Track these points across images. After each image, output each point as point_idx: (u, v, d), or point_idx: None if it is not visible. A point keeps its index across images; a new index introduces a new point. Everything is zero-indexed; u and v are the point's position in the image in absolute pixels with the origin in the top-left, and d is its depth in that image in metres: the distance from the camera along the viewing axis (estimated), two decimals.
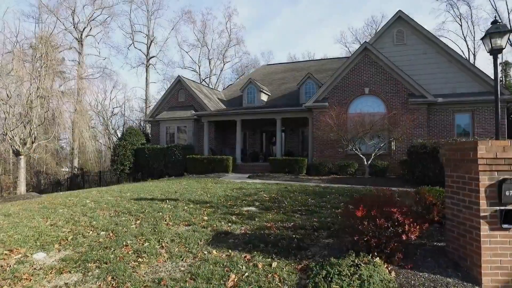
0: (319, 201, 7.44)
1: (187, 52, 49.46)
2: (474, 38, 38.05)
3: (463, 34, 36.19)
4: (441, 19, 72.15)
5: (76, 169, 30.49)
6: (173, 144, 19.12)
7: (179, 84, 21.05)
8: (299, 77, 23.09)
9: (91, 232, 5.29)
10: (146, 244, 4.59)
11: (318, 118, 15.26)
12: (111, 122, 43.20)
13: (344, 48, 45.70)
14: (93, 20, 30.67)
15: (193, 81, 24.65)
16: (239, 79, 32.69)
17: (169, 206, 7.10)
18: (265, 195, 8.22)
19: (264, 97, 21.40)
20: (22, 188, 11.07)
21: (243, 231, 5.19)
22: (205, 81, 42.83)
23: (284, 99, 21.31)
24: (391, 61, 14.23)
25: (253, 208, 6.83)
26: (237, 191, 9.09)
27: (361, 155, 12.96)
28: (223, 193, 8.76)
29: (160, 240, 4.72)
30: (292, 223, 5.61)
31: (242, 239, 4.75)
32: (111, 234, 5.09)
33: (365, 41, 14.63)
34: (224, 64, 46.55)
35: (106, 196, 9.09)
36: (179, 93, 21.07)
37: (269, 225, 5.50)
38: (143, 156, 19.00)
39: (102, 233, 5.20)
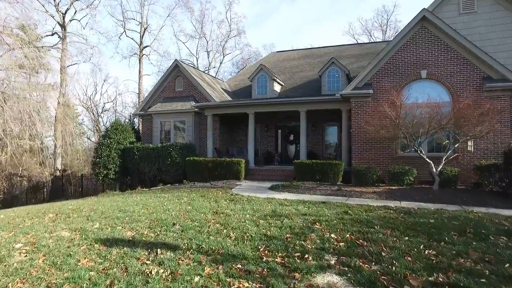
0: (445, 251, 3.92)
1: (184, 43, 45.72)
2: None
3: None
4: None
5: (58, 171, 26.55)
6: (169, 143, 15.45)
7: (176, 70, 17.30)
8: (317, 65, 19.67)
9: None
10: None
11: (360, 109, 11.71)
12: (102, 118, 39.38)
13: (352, 39, 41.93)
14: (77, 0, 26.65)
15: (193, 67, 20.94)
16: (245, 69, 28.96)
17: (162, 270, 3.52)
18: (333, 236, 4.66)
19: (277, 87, 17.81)
20: None
21: None
22: None
23: (301, 89, 17.77)
24: (461, 34, 10.71)
25: (335, 278, 3.29)
26: (276, 222, 5.50)
27: (427, 159, 9.46)
28: (255, 227, 5.17)
29: None
30: None
31: None
32: None
33: (424, 8, 11.05)
34: (223, 57, 42.72)
35: (58, 230, 5.49)
36: (176, 81, 17.34)
37: None
38: (132, 157, 15.30)
39: None
